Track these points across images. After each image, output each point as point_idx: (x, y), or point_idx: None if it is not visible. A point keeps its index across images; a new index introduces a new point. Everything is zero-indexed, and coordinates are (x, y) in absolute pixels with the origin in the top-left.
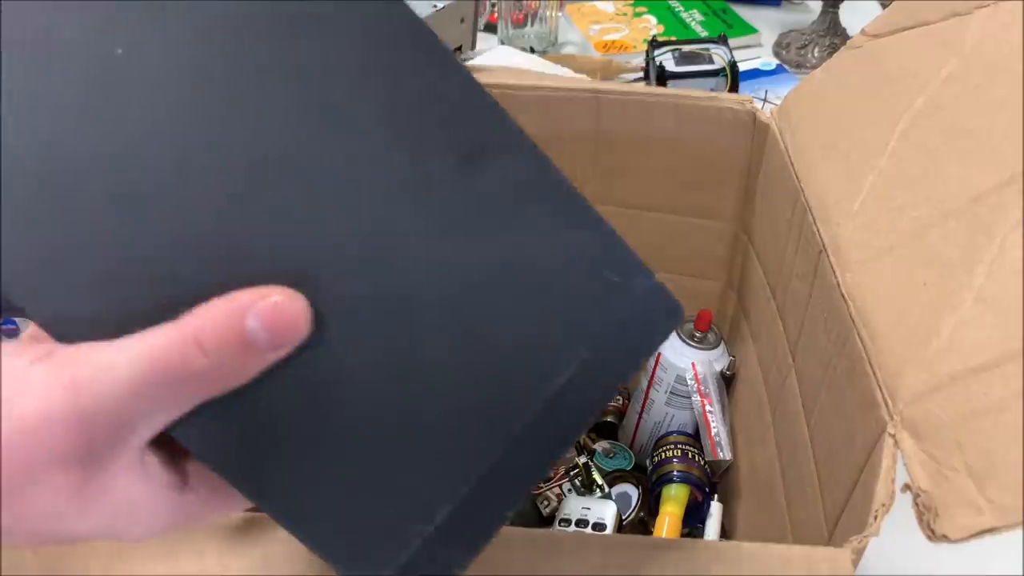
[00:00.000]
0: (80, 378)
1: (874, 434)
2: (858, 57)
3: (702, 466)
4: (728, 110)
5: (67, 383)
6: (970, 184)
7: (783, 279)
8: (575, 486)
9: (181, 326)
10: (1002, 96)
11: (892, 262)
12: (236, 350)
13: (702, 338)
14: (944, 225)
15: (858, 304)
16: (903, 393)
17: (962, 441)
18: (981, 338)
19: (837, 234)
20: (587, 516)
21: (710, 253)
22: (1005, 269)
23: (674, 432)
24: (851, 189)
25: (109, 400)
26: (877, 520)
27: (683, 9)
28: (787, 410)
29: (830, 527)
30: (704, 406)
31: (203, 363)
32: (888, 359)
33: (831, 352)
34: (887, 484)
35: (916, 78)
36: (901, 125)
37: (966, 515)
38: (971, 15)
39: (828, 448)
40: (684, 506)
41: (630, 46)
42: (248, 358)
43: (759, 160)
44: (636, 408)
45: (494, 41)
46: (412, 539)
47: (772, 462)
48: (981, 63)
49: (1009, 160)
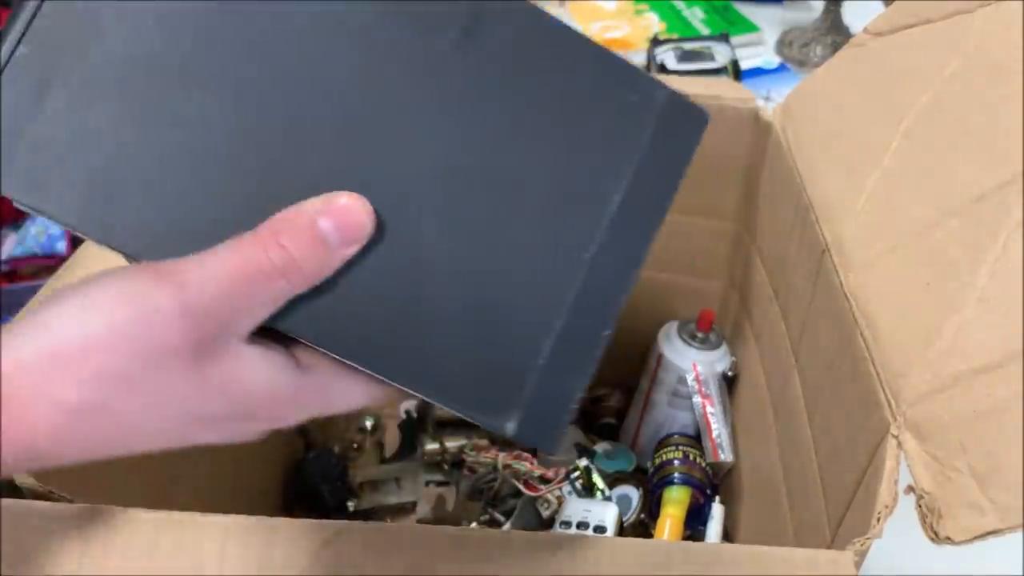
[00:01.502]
0: (183, 281)
1: (877, 435)
2: (861, 55)
3: (703, 468)
4: (730, 109)
5: (173, 286)
6: (973, 183)
7: (785, 279)
8: (576, 488)
9: (262, 231)
10: (1005, 94)
11: (895, 262)
12: (314, 249)
13: (704, 338)
14: (947, 224)
15: (861, 304)
16: (906, 394)
17: (965, 442)
18: (984, 339)
19: (840, 233)
20: (588, 518)
21: (712, 252)
22: (1008, 269)
23: (675, 434)
24: (854, 188)
25: (210, 298)
26: (880, 522)
27: (685, 7)
28: (789, 411)
29: (833, 529)
30: (705, 407)
31: (285, 259)
32: (891, 359)
33: (834, 352)
34: (890, 485)
35: (919, 76)
36: (904, 124)
37: (969, 517)
38: (974, 13)
39: (831, 449)
40: (686, 508)
41: (632, 44)
42: (326, 255)
43: (761, 159)
44: (637, 409)
45: None
46: (527, 375)
47: (774, 463)
48: (984, 62)
49: (1012, 159)
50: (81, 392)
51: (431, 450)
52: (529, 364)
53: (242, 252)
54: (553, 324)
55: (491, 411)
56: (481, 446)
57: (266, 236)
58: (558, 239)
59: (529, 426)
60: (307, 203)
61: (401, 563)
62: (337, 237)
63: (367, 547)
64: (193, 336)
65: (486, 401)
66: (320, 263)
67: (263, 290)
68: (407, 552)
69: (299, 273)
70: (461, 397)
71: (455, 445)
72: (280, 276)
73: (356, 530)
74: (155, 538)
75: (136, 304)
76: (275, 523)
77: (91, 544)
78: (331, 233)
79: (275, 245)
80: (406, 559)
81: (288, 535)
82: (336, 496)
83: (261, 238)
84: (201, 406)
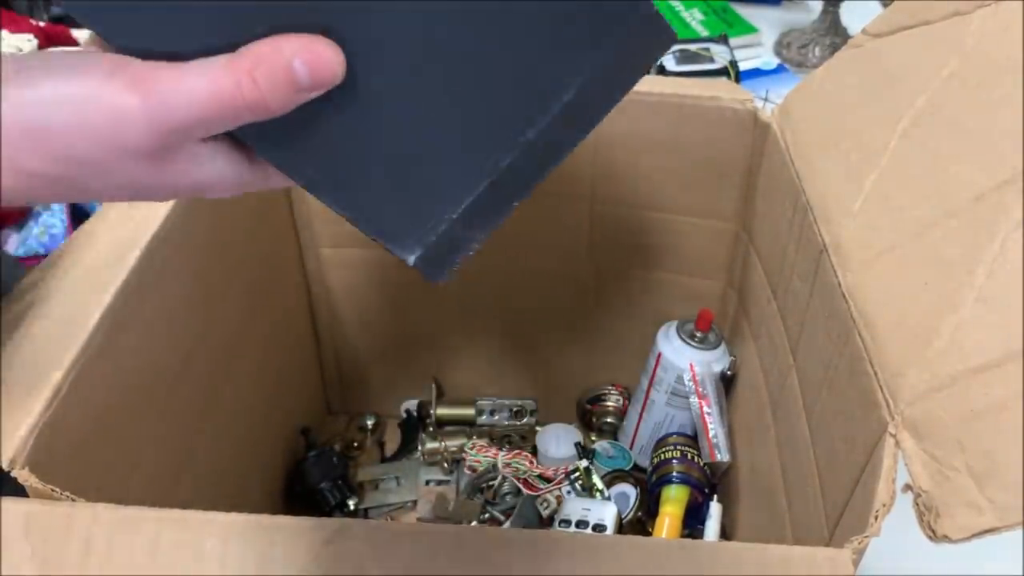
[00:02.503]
0: (157, 95)
1: (875, 434)
2: (859, 56)
3: (702, 467)
4: (729, 109)
5: (146, 96)
6: (971, 183)
7: (784, 279)
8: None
9: (238, 60)
10: (1003, 95)
11: (893, 262)
12: (284, 87)
13: (703, 338)
14: (945, 224)
15: (859, 304)
16: (904, 393)
17: (963, 441)
18: (982, 338)
19: (838, 234)
20: (587, 517)
21: (710, 253)
22: (1006, 269)
23: (674, 433)
24: (852, 188)
25: (178, 118)
26: (878, 520)
27: (683, 8)
28: (788, 410)
29: (831, 527)
30: (702, 408)
31: (256, 95)
32: (889, 359)
33: (832, 352)
34: (888, 484)
35: (917, 77)
36: (902, 124)
37: (967, 515)
38: (972, 14)
39: (829, 448)
40: (684, 507)
41: None
42: (294, 94)
43: (760, 160)
44: (636, 409)
45: None
46: (441, 223)
47: (773, 462)
48: (982, 62)
49: (1010, 159)
50: (46, 166)
51: (431, 449)
52: (446, 215)
53: (217, 81)
54: (477, 188)
55: (400, 244)
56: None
57: (242, 69)
58: (503, 119)
59: (427, 262)
60: (286, 42)
61: (401, 561)
62: (308, 82)
63: (368, 545)
64: (156, 142)
65: (399, 235)
66: (287, 102)
67: (228, 117)
68: (407, 550)
69: (265, 109)
70: (380, 228)
71: (455, 444)
72: (247, 109)
73: (357, 528)
74: (157, 536)
75: (108, 111)
76: (276, 521)
77: (94, 542)
78: (304, 77)
79: (249, 81)
80: (406, 557)
81: (289, 533)
82: (337, 495)
83: (237, 70)
84: (153, 188)
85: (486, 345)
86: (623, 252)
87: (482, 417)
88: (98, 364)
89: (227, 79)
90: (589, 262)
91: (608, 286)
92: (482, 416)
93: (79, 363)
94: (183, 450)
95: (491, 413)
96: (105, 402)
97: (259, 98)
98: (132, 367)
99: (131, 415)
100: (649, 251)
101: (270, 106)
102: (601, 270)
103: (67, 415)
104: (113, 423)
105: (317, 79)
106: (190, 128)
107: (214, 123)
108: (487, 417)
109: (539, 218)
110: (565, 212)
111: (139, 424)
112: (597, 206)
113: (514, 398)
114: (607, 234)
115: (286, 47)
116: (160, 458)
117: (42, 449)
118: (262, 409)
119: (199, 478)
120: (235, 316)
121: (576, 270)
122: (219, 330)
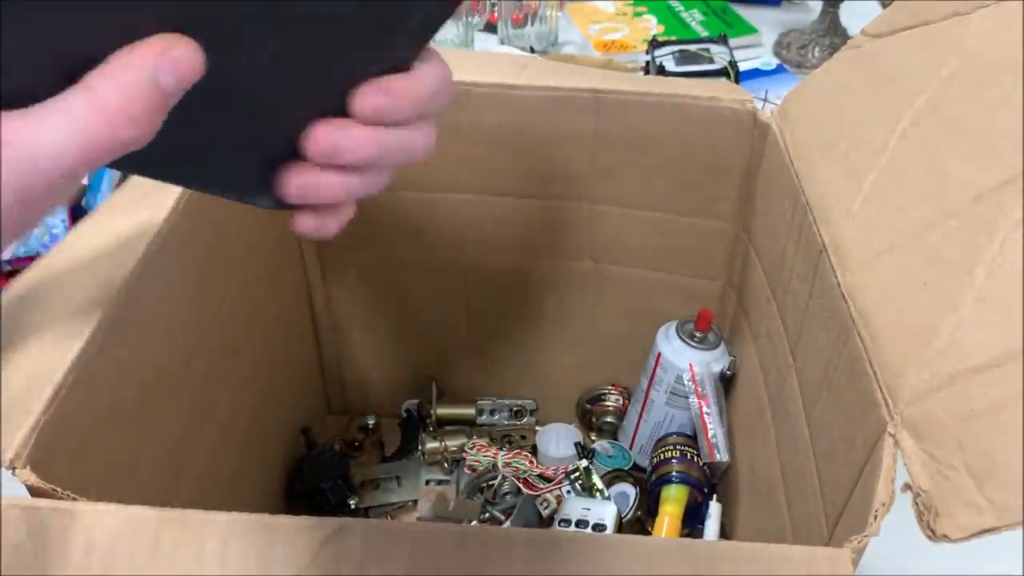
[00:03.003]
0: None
1: (874, 434)
2: (858, 57)
3: (701, 467)
4: (728, 110)
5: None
6: (971, 183)
7: (783, 279)
8: (575, 489)
9: (101, 97)
10: (1003, 95)
11: (892, 262)
12: (159, 108)
13: (702, 338)
14: (945, 225)
15: (858, 304)
16: (903, 393)
17: (962, 441)
18: (981, 338)
19: (837, 234)
20: (587, 517)
21: (710, 253)
22: (1006, 269)
23: (674, 433)
24: (851, 189)
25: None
26: (877, 520)
27: (683, 9)
28: (787, 410)
29: (830, 527)
30: (701, 408)
31: (134, 132)
32: (888, 359)
33: (831, 352)
34: (887, 484)
35: (916, 78)
36: (902, 125)
37: (966, 515)
38: (971, 15)
39: (828, 448)
40: (683, 506)
41: (630, 46)
42: (165, 109)
43: (759, 160)
44: (636, 409)
45: (494, 41)
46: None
47: (772, 462)
48: (982, 62)
49: (1010, 159)
50: None
51: (431, 448)
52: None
53: (89, 130)
54: None
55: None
56: (481, 445)
57: (112, 109)
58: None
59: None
60: (143, 50)
61: (401, 561)
62: (175, 89)
63: (368, 545)
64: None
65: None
66: (159, 121)
67: (101, 160)
68: (407, 550)
69: (143, 139)
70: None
71: (455, 444)
72: (123, 148)
73: (357, 528)
74: (158, 536)
75: None
76: (277, 521)
77: (94, 542)
78: (171, 87)
79: (126, 120)
80: (406, 557)
81: (289, 533)
82: (337, 494)
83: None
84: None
85: (486, 345)
86: (623, 252)
87: (482, 417)
88: (99, 364)
89: (97, 122)
90: (589, 262)
91: (608, 286)
92: (482, 416)
93: (80, 363)
94: (183, 450)
95: (491, 413)
96: (106, 401)
97: (138, 134)
98: (133, 367)
99: (132, 414)
100: (649, 251)
101: (147, 133)
102: (601, 270)
103: (68, 414)
104: (114, 422)
105: (181, 86)
106: (59, 184)
107: (84, 170)
108: (487, 417)
109: (539, 218)
110: (565, 212)
111: (140, 423)
112: (597, 206)
113: (514, 398)
114: (607, 234)
115: (147, 55)
116: (160, 457)
117: (43, 448)
118: (262, 409)
119: (199, 478)
120: (236, 316)
121: (576, 270)
122: (219, 330)
